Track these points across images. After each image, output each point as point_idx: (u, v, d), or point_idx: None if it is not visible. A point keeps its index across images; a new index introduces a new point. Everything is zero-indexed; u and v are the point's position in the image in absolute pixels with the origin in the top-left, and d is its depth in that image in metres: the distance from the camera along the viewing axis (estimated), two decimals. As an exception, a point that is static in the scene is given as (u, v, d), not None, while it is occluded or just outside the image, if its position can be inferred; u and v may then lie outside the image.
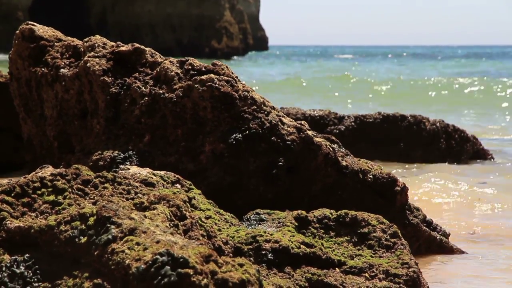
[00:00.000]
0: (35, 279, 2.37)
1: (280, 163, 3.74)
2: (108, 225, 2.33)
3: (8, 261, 2.41)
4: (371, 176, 3.98)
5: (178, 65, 3.94)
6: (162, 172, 3.24)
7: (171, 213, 2.59)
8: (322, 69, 37.90)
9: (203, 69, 3.89)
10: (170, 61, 3.97)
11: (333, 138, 4.13)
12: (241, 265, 2.24)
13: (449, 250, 4.29)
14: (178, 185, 3.21)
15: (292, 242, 3.06)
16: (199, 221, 2.74)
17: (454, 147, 8.55)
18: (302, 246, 3.06)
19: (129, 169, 3.19)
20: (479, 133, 10.68)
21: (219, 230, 3.08)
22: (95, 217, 2.39)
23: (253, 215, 3.38)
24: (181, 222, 2.62)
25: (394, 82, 25.49)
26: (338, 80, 26.45)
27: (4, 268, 2.40)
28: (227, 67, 3.93)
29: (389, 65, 46.92)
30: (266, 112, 3.82)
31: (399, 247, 3.22)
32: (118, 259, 2.22)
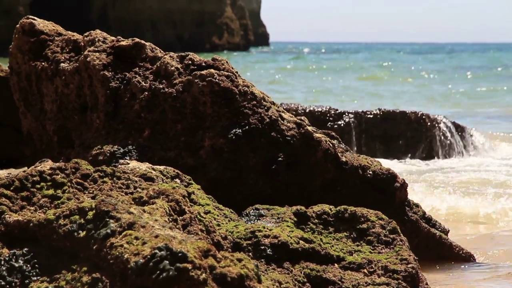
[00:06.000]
0: (34, 273, 2.37)
1: (280, 159, 3.73)
2: (107, 219, 2.33)
3: (7, 255, 2.41)
4: (370, 172, 3.97)
5: (178, 60, 3.94)
6: (162, 167, 3.24)
7: (170, 208, 2.59)
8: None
9: (203, 64, 3.89)
10: (170, 56, 3.97)
11: (333, 133, 4.13)
12: (239, 260, 2.24)
13: (448, 247, 4.28)
14: (177, 180, 3.21)
15: (291, 237, 3.06)
16: (198, 216, 2.74)
17: (454, 143, 8.55)
18: (301, 241, 3.06)
19: (128, 163, 3.19)
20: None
21: (218, 225, 3.08)
22: (94, 211, 2.38)
23: (252, 210, 3.37)
24: (180, 217, 2.62)
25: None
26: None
27: (2, 262, 2.40)
28: (227, 62, 3.93)
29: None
30: (266, 108, 3.82)
31: (398, 243, 3.21)
32: (117, 253, 2.22)
